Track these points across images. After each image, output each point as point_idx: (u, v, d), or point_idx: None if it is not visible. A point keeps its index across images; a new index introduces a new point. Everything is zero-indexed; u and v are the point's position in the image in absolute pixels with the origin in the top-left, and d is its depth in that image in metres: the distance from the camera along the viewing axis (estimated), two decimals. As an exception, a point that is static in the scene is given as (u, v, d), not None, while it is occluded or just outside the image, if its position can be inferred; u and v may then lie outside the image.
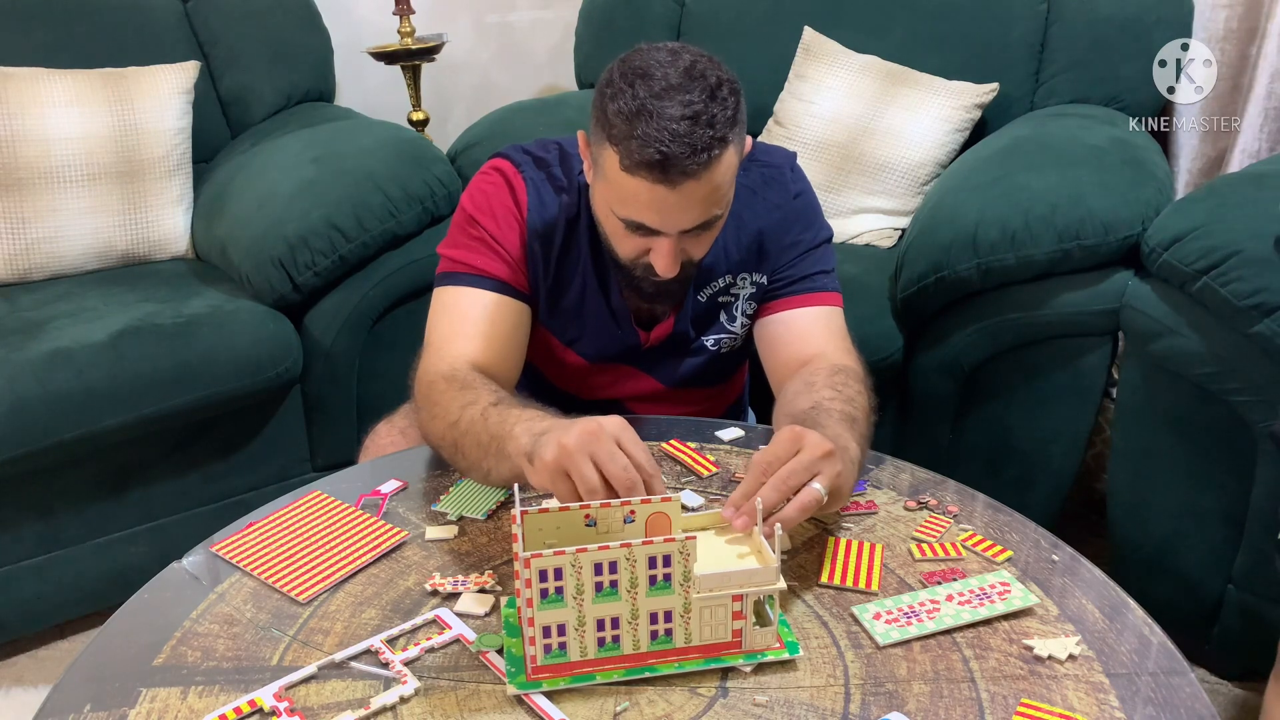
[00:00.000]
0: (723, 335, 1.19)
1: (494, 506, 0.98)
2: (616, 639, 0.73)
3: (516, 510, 0.73)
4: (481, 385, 1.00)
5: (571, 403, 1.23)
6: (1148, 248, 1.34)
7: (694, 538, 0.71)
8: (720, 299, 1.17)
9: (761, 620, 0.76)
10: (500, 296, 1.10)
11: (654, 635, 0.73)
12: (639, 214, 0.96)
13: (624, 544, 0.70)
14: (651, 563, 0.71)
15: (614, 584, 0.71)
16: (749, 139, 1.03)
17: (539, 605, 0.70)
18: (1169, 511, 1.41)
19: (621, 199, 0.97)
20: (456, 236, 1.12)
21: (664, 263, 0.99)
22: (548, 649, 0.72)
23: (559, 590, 0.70)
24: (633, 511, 0.77)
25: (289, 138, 1.92)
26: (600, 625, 0.72)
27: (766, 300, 1.16)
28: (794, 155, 1.18)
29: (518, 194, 1.11)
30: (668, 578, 0.72)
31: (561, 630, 0.72)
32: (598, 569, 0.70)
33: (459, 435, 0.96)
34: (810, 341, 1.12)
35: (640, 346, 1.19)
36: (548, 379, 1.26)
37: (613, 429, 0.81)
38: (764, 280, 1.15)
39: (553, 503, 0.94)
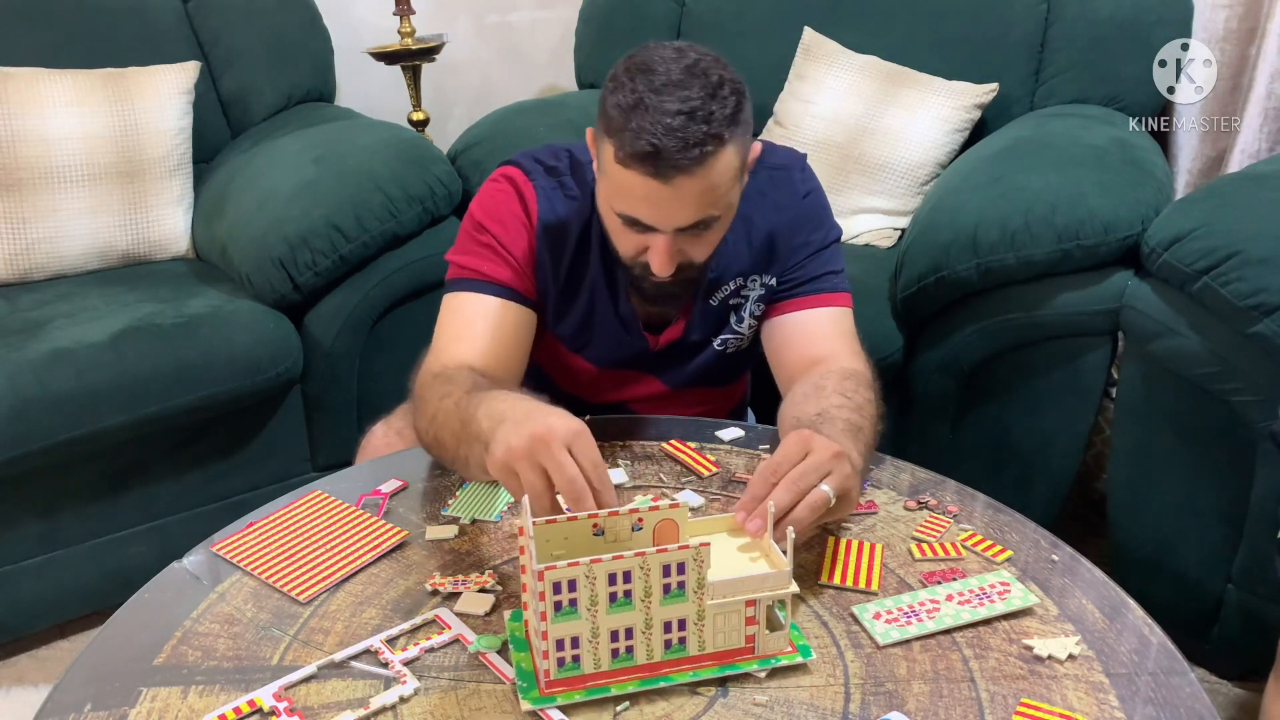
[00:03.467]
0: (729, 336, 1.19)
1: (505, 508, 0.98)
2: (630, 649, 0.72)
3: (526, 523, 0.72)
4: (463, 378, 0.98)
5: (578, 405, 1.23)
6: (1148, 248, 1.34)
7: (708, 544, 0.71)
8: (731, 301, 1.16)
9: (772, 625, 0.75)
10: (504, 301, 1.10)
11: (668, 644, 0.73)
12: (633, 208, 0.96)
13: (638, 553, 0.69)
14: (665, 570, 0.70)
15: (628, 594, 0.70)
16: (757, 145, 1.03)
17: (553, 618, 0.70)
18: (1168, 511, 1.41)
19: (617, 192, 0.97)
20: (465, 243, 1.12)
21: (659, 260, 0.99)
22: (561, 662, 0.71)
23: (573, 602, 0.70)
24: (640, 519, 0.77)
25: (289, 138, 1.92)
26: (614, 636, 0.72)
27: (776, 301, 1.16)
28: (804, 156, 1.18)
29: (528, 202, 1.11)
30: (682, 585, 0.71)
31: (575, 643, 0.71)
32: (611, 579, 0.70)
33: (437, 428, 0.96)
34: (819, 342, 1.11)
35: (649, 351, 1.19)
36: (554, 383, 1.26)
37: (564, 435, 0.77)
38: (773, 282, 1.15)
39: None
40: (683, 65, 0.92)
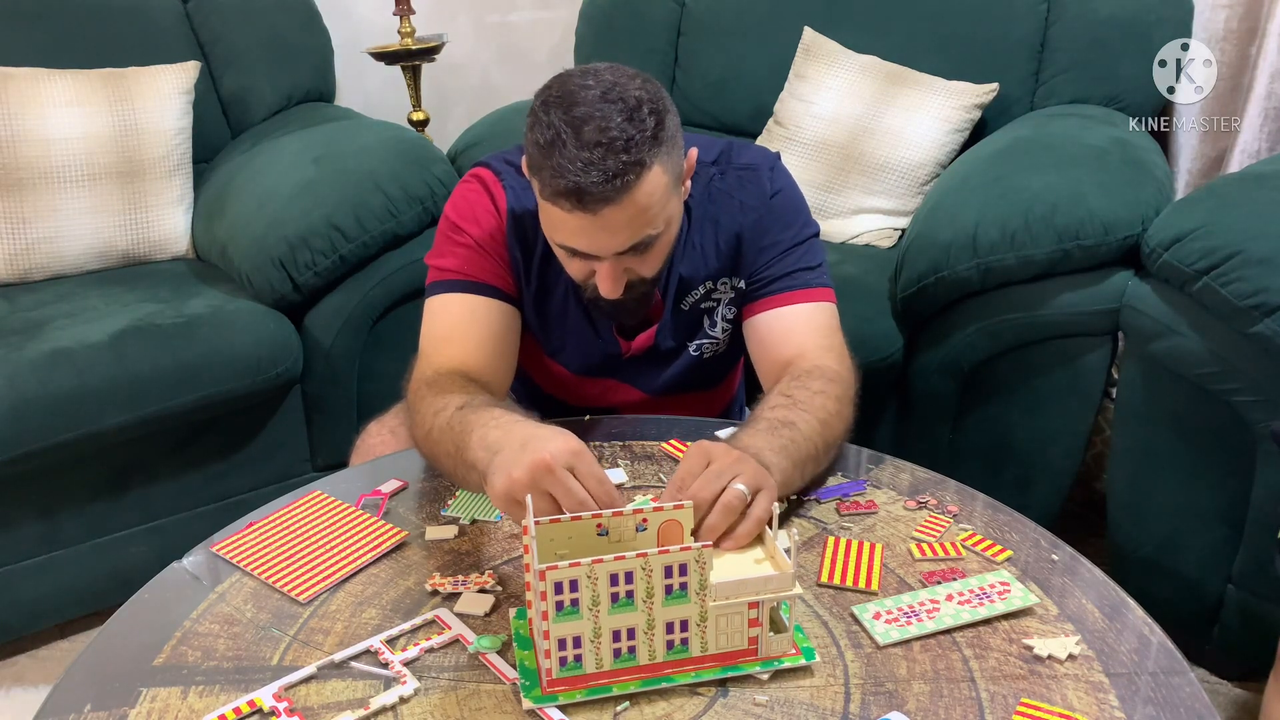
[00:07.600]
0: (704, 341, 1.18)
1: None
2: (632, 650, 0.72)
3: (530, 522, 0.72)
4: (456, 390, 0.98)
5: (562, 409, 1.23)
6: (1148, 248, 1.34)
7: (710, 546, 0.71)
8: (702, 305, 1.16)
9: (776, 627, 0.75)
10: (488, 300, 1.09)
11: (670, 645, 0.73)
12: (568, 239, 0.96)
13: (640, 554, 0.69)
14: (667, 572, 0.70)
15: (630, 594, 0.70)
16: (693, 151, 1.02)
17: (554, 618, 0.70)
18: (1169, 511, 1.41)
19: (551, 225, 0.97)
20: (442, 245, 1.12)
21: (606, 285, 0.99)
22: (563, 661, 0.71)
23: (574, 602, 0.70)
24: (645, 520, 0.77)
25: (289, 138, 1.92)
26: (616, 636, 0.72)
27: (748, 302, 1.14)
28: (776, 155, 1.16)
29: (497, 200, 1.11)
30: (684, 586, 0.71)
31: (577, 642, 0.71)
32: (613, 579, 0.70)
33: (432, 444, 0.95)
34: (789, 342, 1.10)
35: (621, 356, 1.18)
36: (539, 386, 1.26)
37: (564, 458, 0.77)
38: (742, 284, 1.14)
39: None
40: (598, 92, 0.90)
